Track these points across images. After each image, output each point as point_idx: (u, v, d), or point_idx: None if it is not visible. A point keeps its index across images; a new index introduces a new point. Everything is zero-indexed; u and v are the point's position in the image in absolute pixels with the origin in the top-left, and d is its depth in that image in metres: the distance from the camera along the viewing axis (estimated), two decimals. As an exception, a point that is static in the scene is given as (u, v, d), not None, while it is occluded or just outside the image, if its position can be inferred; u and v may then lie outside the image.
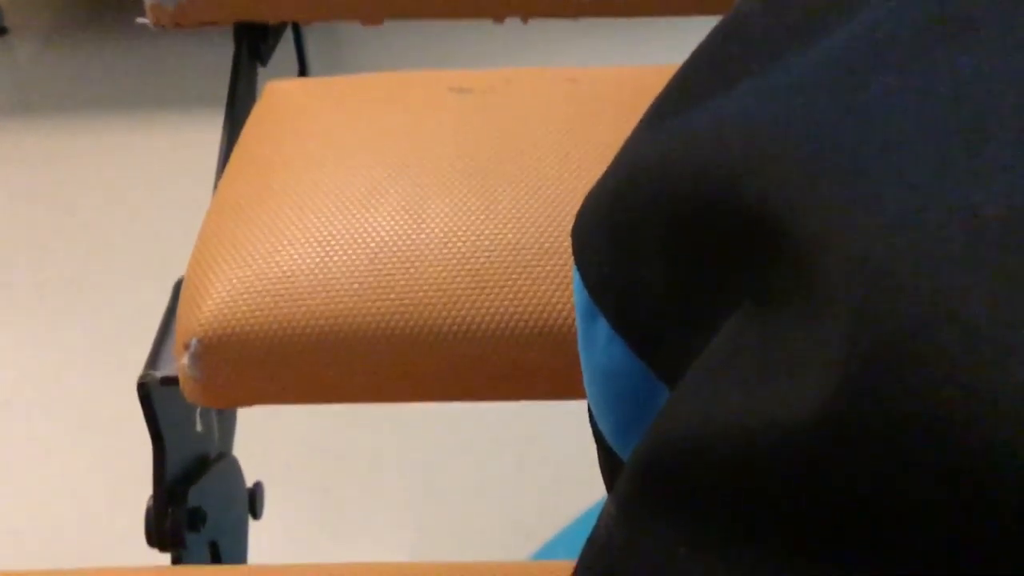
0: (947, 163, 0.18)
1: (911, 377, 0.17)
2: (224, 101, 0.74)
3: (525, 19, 0.67)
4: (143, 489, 0.57)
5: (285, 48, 0.84)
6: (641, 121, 0.27)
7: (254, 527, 0.73)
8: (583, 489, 0.96)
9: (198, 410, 0.58)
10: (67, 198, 1.40)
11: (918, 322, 0.17)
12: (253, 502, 0.70)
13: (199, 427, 0.58)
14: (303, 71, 0.88)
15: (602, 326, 0.28)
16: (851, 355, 0.18)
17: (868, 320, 0.17)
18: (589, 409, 0.31)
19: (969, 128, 0.19)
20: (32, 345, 1.16)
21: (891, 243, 0.18)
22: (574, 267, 0.29)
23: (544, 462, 1.00)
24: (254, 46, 0.76)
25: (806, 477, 0.18)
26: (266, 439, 0.99)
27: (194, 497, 0.57)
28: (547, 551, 0.92)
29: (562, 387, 0.45)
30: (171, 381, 0.51)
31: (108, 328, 1.18)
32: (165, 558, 0.57)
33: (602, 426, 0.30)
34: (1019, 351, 0.16)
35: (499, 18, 0.67)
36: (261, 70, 0.78)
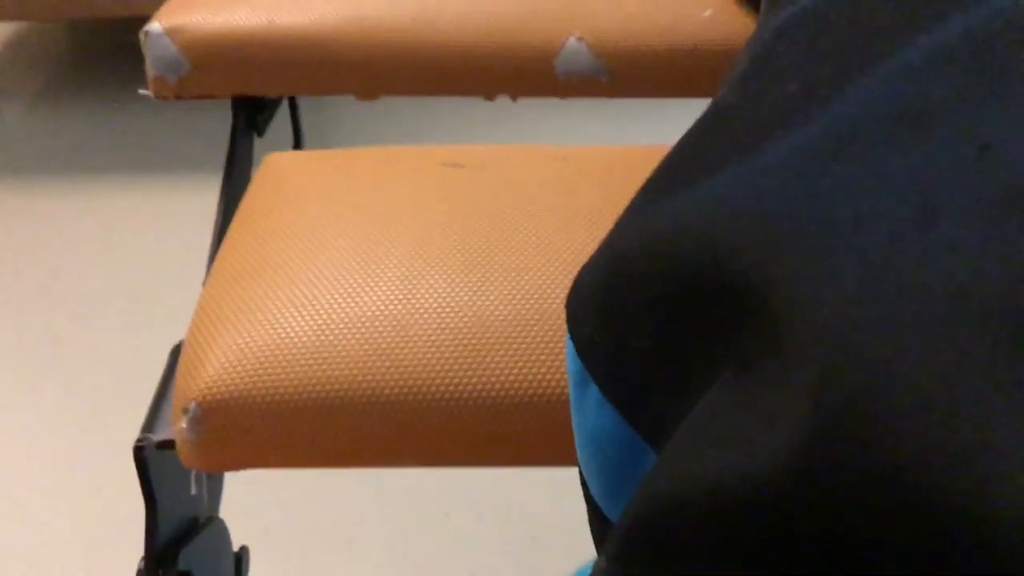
0: (899, 243, 0.21)
1: (868, 434, 0.19)
2: (217, 167, 0.76)
3: (515, 98, 0.70)
4: (130, 551, 0.57)
5: (281, 119, 0.86)
6: (632, 201, 0.29)
7: (238, 591, 0.73)
8: (563, 556, 0.96)
9: (192, 473, 0.59)
10: (54, 260, 1.41)
11: (874, 386, 0.19)
12: (239, 566, 0.71)
13: (193, 490, 0.59)
14: (298, 143, 0.90)
15: (593, 392, 0.30)
16: (815, 413, 0.19)
17: (830, 383, 0.19)
18: (580, 471, 0.32)
19: (919, 212, 0.21)
20: (13, 407, 1.16)
21: (851, 315, 0.20)
22: (567, 335, 0.31)
23: (524, 528, 1.00)
24: (251, 118, 0.78)
25: (776, 525, 0.20)
26: (246, 504, 0.99)
27: (184, 560, 0.57)
28: (527, 620, 0.92)
29: (553, 455, 0.47)
30: (167, 445, 0.51)
31: (92, 391, 1.18)
32: (154, 620, 0.57)
33: (592, 488, 0.31)
34: (963, 413, 0.18)
35: (490, 96, 0.70)
36: (257, 140, 0.81)
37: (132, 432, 0.54)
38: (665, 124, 1.61)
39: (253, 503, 1.01)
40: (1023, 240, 0.19)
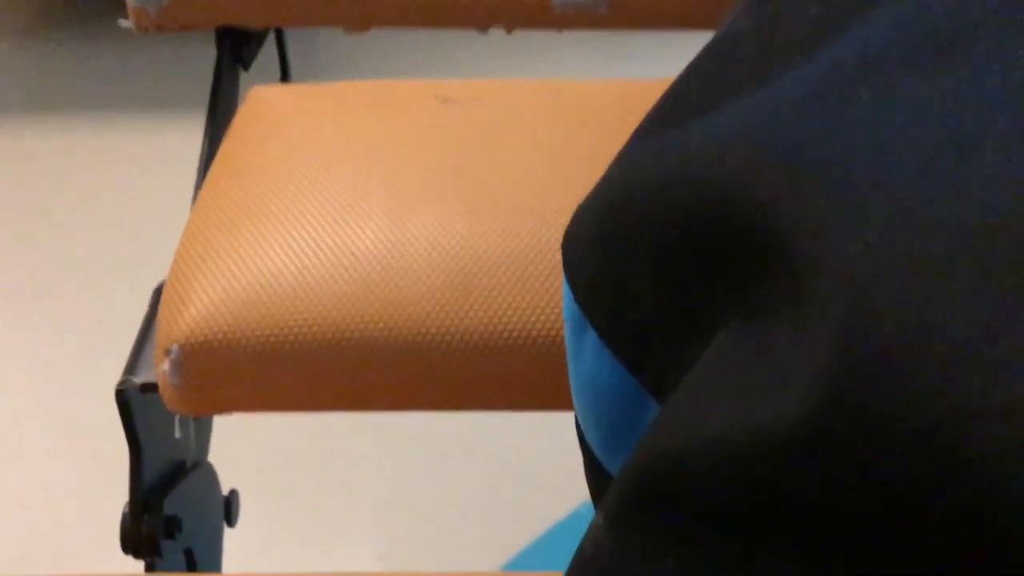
0: (933, 175, 0.19)
1: (897, 392, 0.17)
2: (203, 104, 0.74)
3: (509, 30, 0.68)
4: (118, 495, 0.57)
5: (267, 52, 0.84)
6: (633, 135, 0.27)
7: (228, 535, 0.73)
8: (556, 500, 0.96)
9: (177, 417, 0.58)
10: (40, 200, 1.39)
11: (904, 337, 0.17)
12: (228, 510, 0.70)
13: (177, 434, 0.58)
14: (285, 76, 0.88)
15: (591, 338, 0.28)
16: (836, 368, 0.18)
17: (854, 334, 0.18)
18: (576, 421, 0.31)
19: (956, 139, 0.19)
20: (1, 349, 1.15)
21: (877, 256, 0.18)
22: (564, 278, 0.29)
23: (518, 472, 1.00)
24: (236, 51, 0.76)
25: (787, 485, 0.18)
26: (239, 446, 0.99)
27: (170, 505, 0.56)
28: (519, 562, 0.92)
29: (547, 399, 0.46)
30: (150, 388, 0.50)
31: (81, 333, 1.17)
32: (140, 565, 0.57)
33: (589, 438, 0.30)
34: (1006, 367, 0.16)
35: (483, 28, 0.68)
36: (243, 75, 0.78)
37: (119, 375, 0.53)
38: (667, 60, 1.58)
39: (245, 445, 1.00)
40: None
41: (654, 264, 0.25)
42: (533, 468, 1.00)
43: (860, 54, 0.22)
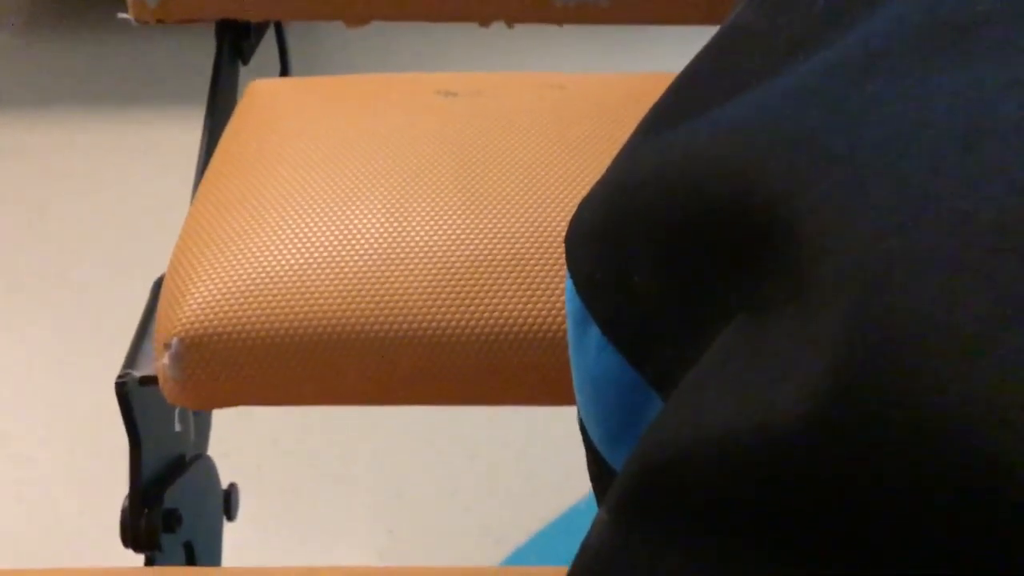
0: (940, 166, 0.19)
1: (903, 385, 0.17)
2: (202, 99, 0.74)
3: (511, 24, 0.67)
4: (117, 489, 0.57)
5: (266, 46, 0.84)
6: (637, 131, 0.27)
7: (227, 528, 0.73)
8: (555, 495, 0.96)
9: (177, 410, 0.58)
10: (39, 194, 1.39)
11: (911, 330, 0.17)
12: (228, 504, 0.70)
13: (177, 427, 0.58)
14: (285, 70, 0.87)
15: (594, 333, 0.28)
16: (842, 360, 0.18)
17: (860, 326, 0.18)
18: (579, 416, 0.31)
19: (961, 132, 0.19)
20: (1, 344, 1.15)
21: (885, 249, 0.18)
22: (567, 273, 0.29)
23: (516, 467, 1.00)
24: (236, 44, 0.75)
25: (792, 480, 0.18)
26: (238, 440, 0.99)
27: (170, 498, 0.56)
28: (518, 556, 0.92)
29: (549, 393, 0.46)
30: (150, 381, 0.50)
31: (80, 327, 1.16)
32: (140, 559, 0.57)
33: (592, 433, 0.30)
34: (1011, 361, 0.16)
35: (485, 22, 0.68)
36: (243, 69, 0.78)
37: (119, 368, 0.52)
38: (668, 54, 1.57)
39: (244, 440, 1.00)
40: None
41: (657, 259, 0.25)
42: (533, 463, 1.00)
43: (866, 48, 0.22)
